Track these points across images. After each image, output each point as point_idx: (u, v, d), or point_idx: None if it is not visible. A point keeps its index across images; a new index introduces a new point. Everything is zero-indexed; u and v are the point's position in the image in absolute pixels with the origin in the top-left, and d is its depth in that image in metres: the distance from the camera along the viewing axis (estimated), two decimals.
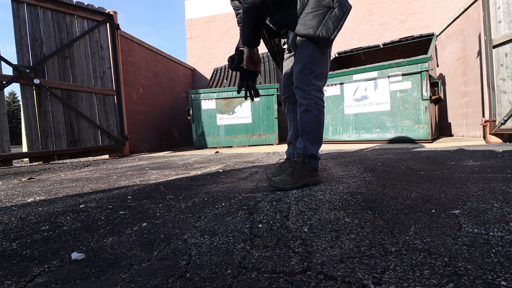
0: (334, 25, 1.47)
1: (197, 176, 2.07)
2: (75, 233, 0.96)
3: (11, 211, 1.30)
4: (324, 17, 1.46)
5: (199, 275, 0.64)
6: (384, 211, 1.01)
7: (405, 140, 4.07)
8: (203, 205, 1.24)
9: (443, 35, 5.46)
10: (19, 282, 0.65)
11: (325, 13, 1.46)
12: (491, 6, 3.34)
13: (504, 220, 0.86)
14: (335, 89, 4.60)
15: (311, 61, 1.49)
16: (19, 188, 1.95)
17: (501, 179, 1.40)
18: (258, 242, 0.80)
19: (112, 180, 2.11)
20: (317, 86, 1.52)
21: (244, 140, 5.41)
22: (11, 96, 53.94)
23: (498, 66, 3.31)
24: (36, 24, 3.68)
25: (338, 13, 1.48)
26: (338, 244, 0.76)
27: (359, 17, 6.53)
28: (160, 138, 6.28)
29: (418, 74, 3.88)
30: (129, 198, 1.44)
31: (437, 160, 2.18)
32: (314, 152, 1.52)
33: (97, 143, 4.28)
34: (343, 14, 1.50)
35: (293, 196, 1.28)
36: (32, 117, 3.60)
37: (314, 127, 1.52)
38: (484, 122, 3.53)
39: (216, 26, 7.64)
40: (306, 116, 1.52)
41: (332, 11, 1.47)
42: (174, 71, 7.02)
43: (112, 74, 4.51)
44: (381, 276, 0.59)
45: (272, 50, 1.85)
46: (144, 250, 0.80)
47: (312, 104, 1.51)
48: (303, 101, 1.53)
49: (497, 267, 0.60)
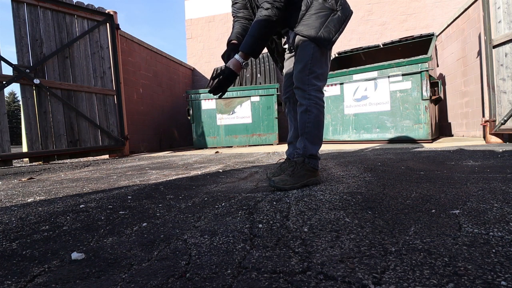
0: (336, 28, 1.49)
1: (197, 176, 2.07)
2: (75, 233, 0.96)
3: (11, 211, 1.30)
4: (327, 19, 1.47)
5: (199, 275, 0.64)
6: (384, 211, 1.01)
7: (405, 140, 4.07)
8: (203, 205, 1.24)
9: (443, 35, 5.46)
10: (19, 282, 0.65)
11: (328, 15, 1.47)
12: (491, 6, 3.34)
13: (504, 220, 0.86)
14: (335, 89, 4.60)
15: (312, 62, 1.50)
16: (19, 188, 1.95)
17: (501, 179, 1.40)
18: (258, 242, 0.80)
19: (112, 180, 2.11)
20: (317, 86, 1.52)
21: (244, 140, 5.41)
22: (11, 96, 53.94)
23: (498, 66, 3.31)
24: (36, 24, 3.68)
25: (340, 15, 1.50)
26: (338, 244, 0.76)
27: (359, 17, 6.53)
28: (160, 138, 6.28)
29: (418, 74, 3.88)
30: (129, 198, 1.44)
31: (437, 160, 2.18)
32: (314, 152, 1.52)
33: (97, 143, 4.28)
34: (345, 17, 1.52)
35: (293, 196, 1.28)
36: (32, 117, 3.60)
37: (314, 127, 1.52)
38: (484, 122, 3.53)
39: (216, 26, 7.64)
40: (306, 116, 1.52)
41: (335, 13, 1.48)
42: (174, 71, 7.02)
43: (112, 74, 4.51)
44: (381, 276, 0.59)
45: (270, 47, 1.85)
46: (144, 250, 0.80)
47: (312, 104, 1.51)
48: (303, 101, 1.53)
49: (497, 267, 0.59)
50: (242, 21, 1.73)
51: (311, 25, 1.47)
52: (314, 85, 1.51)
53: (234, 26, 1.75)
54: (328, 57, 1.58)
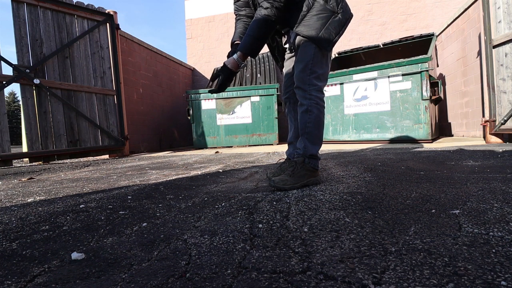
0: (336, 30, 1.50)
1: (197, 176, 2.07)
2: (75, 233, 0.96)
3: (11, 211, 1.30)
4: (328, 20, 1.48)
5: (199, 275, 0.64)
6: (384, 211, 1.01)
7: (405, 140, 4.07)
8: (203, 205, 1.24)
9: (443, 35, 5.46)
10: (19, 282, 0.65)
11: (329, 17, 1.48)
12: (491, 6, 3.34)
13: (504, 220, 0.86)
14: (335, 89, 4.60)
15: (313, 62, 1.50)
16: (19, 188, 1.95)
17: (501, 179, 1.40)
18: (258, 242, 0.80)
19: (112, 180, 2.11)
20: (318, 86, 1.53)
21: (244, 140, 5.41)
22: (11, 96, 53.93)
23: (498, 66, 3.31)
24: (36, 24, 3.68)
25: (341, 18, 1.51)
26: (338, 244, 0.76)
27: (359, 17, 6.53)
28: (160, 138, 6.28)
29: (418, 74, 3.88)
30: (129, 198, 1.44)
31: (437, 160, 2.18)
32: (314, 152, 1.52)
33: (97, 143, 4.28)
34: (346, 20, 1.54)
35: (293, 196, 1.28)
36: (32, 117, 3.60)
37: (314, 127, 1.52)
38: (484, 122, 3.53)
39: (216, 26, 7.64)
40: (307, 116, 1.52)
41: (336, 15, 1.50)
42: (174, 71, 7.02)
43: (112, 74, 4.51)
44: (381, 276, 0.59)
45: (271, 45, 1.86)
46: (144, 250, 0.80)
47: (312, 104, 1.51)
48: (303, 101, 1.53)
49: (497, 267, 0.59)
50: (244, 19, 1.74)
51: (312, 26, 1.47)
52: (315, 85, 1.52)
53: (236, 25, 1.76)
54: (328, 58, 1.59)
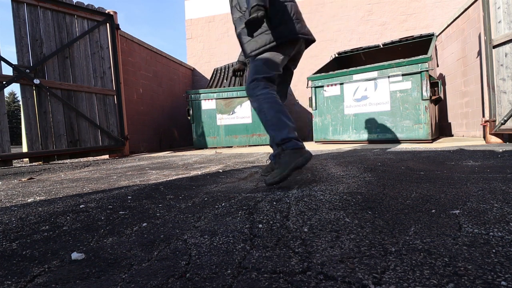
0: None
1: (197, 176, 2.07)
2: (75, 233, 0.96)
3: (11, 211, 1.30)
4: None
5: (199, 275, 0.64)
6: (384, 211, 1.01)
7: (405, 140, 4.07)
8: (203, 205, 1.24)
9: (443, 35, 5.46)
10: (19, 282, 0.65)
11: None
12: (491, 6, 3.34)
13: (504, 220, 0.86)
14: (335, 89, 4.60)
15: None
16: (19, 188, 1.95)
17: (501, 179, 1.40)
18: (258, 242, 0.80)
19: (112, 180, 2.11)
20: (254, 82, 1.64)
21: (244, 140, 5.41)
22: (11, 96, 53.92)
23: (498, 66, 3.31)
24: (36, 24, 3.68)
25: None
26: (338, 244, 0.76)
27: (359, 17, 6.53)
28: (160, 138, 6.28)
29: (418, 74, 3.88)
30: (129, 198, 1.44)
31: (437, 160, 2.18)
32: (284, 135, 1.52)
33: (97, 143, 4.28)
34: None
35: (293, 196, 1.28)
36: (32, 117, 3.60)
37: (266, 117, 1.60)
38: (484, 122, 3.52)
39: (216, 26, 7.64)
40: (260, 115, 1.63)
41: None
42: (174, 71, 7.02)
43: (112, 74, 4.51)
44: (381, 276, 0.59)
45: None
46: (144, 250, 0.80)
47: (253, 103, 1.65)
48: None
49: (497, 267, 0.59)
50: None
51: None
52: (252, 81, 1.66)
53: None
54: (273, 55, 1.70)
